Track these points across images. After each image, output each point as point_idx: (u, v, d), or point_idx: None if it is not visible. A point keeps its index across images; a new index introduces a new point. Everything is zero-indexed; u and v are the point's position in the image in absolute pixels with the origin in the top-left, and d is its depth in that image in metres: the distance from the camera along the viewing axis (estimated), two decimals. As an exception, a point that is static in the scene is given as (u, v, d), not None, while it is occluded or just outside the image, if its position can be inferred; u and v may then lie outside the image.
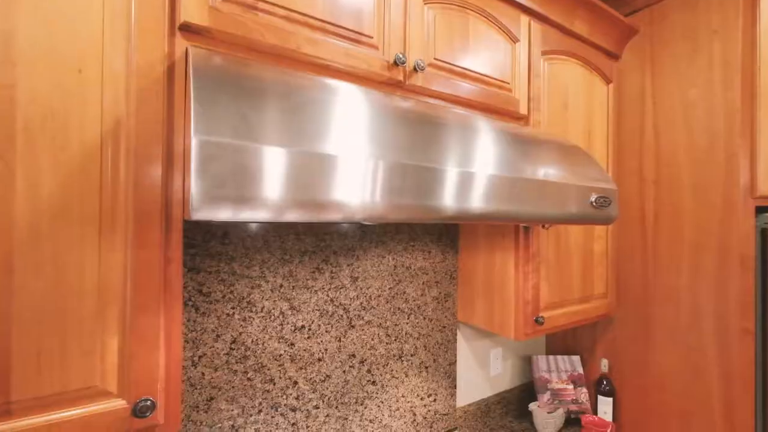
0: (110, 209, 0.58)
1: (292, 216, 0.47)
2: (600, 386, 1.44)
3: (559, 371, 1.57)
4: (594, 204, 0.84)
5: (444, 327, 1.37)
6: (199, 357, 0.93)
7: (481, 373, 1.52)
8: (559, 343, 1.70)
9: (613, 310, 1.44)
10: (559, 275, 1.25)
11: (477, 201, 0.61)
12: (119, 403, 0.58)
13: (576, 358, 1.60)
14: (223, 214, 0.43)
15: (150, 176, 0.61)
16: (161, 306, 0.62)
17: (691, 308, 1.27)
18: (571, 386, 1.55)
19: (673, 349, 1.31)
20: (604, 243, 1.41)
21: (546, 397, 1.52)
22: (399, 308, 1.26)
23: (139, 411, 0.58)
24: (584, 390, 1.54)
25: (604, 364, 1.44)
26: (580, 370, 1.57)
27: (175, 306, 0.64)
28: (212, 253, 0.95)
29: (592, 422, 1.30)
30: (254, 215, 0.45)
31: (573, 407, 1.50)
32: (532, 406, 1.43)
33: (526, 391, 1.65)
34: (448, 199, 0.57)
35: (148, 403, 0.59)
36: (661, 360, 1.34)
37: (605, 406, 1.42)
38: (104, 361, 0.58)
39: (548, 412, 1.43)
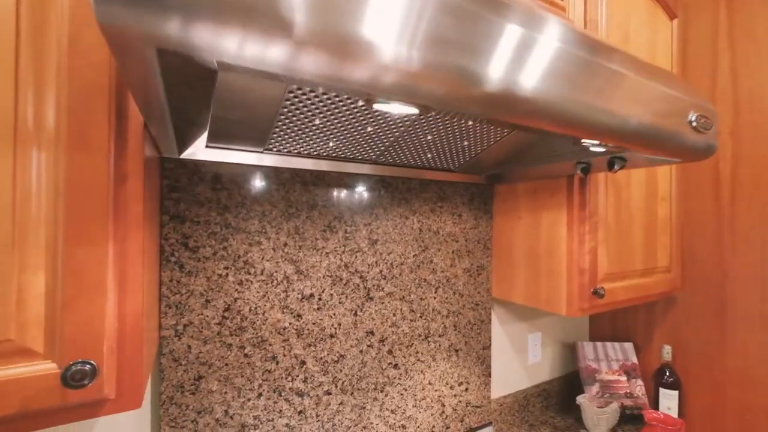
0: (30, 84, 0.41)
1: (305, 61, 0.29)
2: (661, 377, 1.22)
3: (609, 360, 1.35)
4: (694, 124, 0.63)
5: (477, 304, 1.17)
6: (184, 326, 0.75)
7: (517, 360, 1.32)
8: (606, 327, 1.48)
9: (677, 288, 1.21)
10: (620, 241, 1.03)
11: (534, 78, 0.41)
12: (46, 367, 0.41)
13: (629, 346, 1.37)
14: (156, 22, 0.24)
15: (93, 44, 0.43)
16: (110, 236, 0.44)
17: (783, 282, 1.04)
18: (624, 378, 1.33)
19: (758, 337, 1.08)
20: (668, 207, 1.18)
21: (595, 389, 1.30)
22: (425, 280, 1.07)
23: (71, 378, 0.40)
24: (640, 382, 1.32)
25: (666, 352, 1.22)
26: (634, 360, 1.35)
27: (133, 238, 0.47)
28: (200, 200, 0.77)
29: (658, 419, 1.08)
30: (228, 42, 0.26)
31: (627, 402, 1.28)
32: (581, 398, 1.22)
33: (569, 383, 1.44)
34: (497, 67, 0.38)
35: (87, 367, 0.41)
36: (743, 350, 1.11)
37: (669, 400, 1.20)
38: (24, 309, 0.40)
39: (599, 407, 1.22)
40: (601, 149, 0.67)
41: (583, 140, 0.61)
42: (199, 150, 0.75)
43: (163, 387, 0.73)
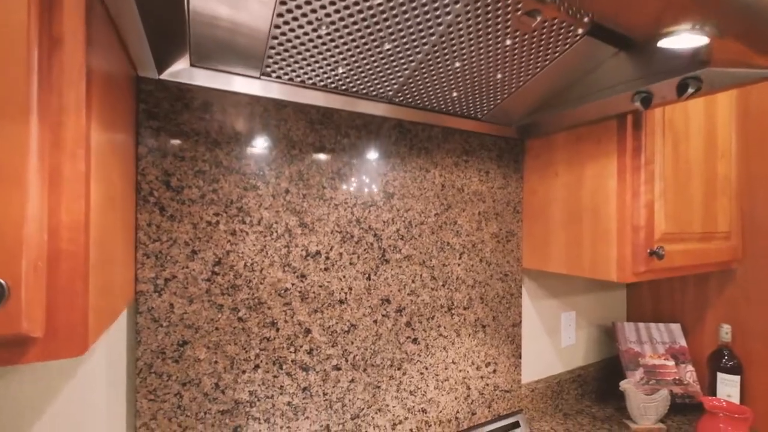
0: None
1: None
2: (719, 361, 1.06)
3: (653, 343, 1.20)
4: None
5: (506, 275, 1.03)
6: (166, 280, 0.63)
7: (549, 342, 1.17)
8: (647, 307, 1.32)
9: (737, 258, 1.06)
10: (678, 198, 0.88)
11: None
12: (-69, 285, 0.29)
13: (676, 327, 1.22)
14: None
15: None
16: (32, 115, 0.32)
17: None
18: (671, 362, 1.17)
19: None
20: (728, 164, 1.02)
21: (638, 375, 1.15)
22: (448, 243, 0.93)
23: (-37, 298, 0.28)
24: (690, 368, 1.16)
25: (725, 332, 1.06)
26: (683, 342, 1.19)
27: (72, 125, 0.34)
28: (185, 131, 0.65)
29: (721, 407, 0.92)
30: None
31: (676, 389, 1.13)
32: (626, 383, 1.06)
33: (606, 370, 1.28)
34: None
35: (-10, 286, 0.29)
36: (818, 324, 0.95)
37: (729, 387, 1.04)
38: None
39: (647, 394, 1.06)
40: (684, 45, 0.52)
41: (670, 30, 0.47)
42: (183, 70, 0.63)
43: (139, 352, 0.61)
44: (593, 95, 0.78)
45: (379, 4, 0.53)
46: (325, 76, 0.69)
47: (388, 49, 0.63)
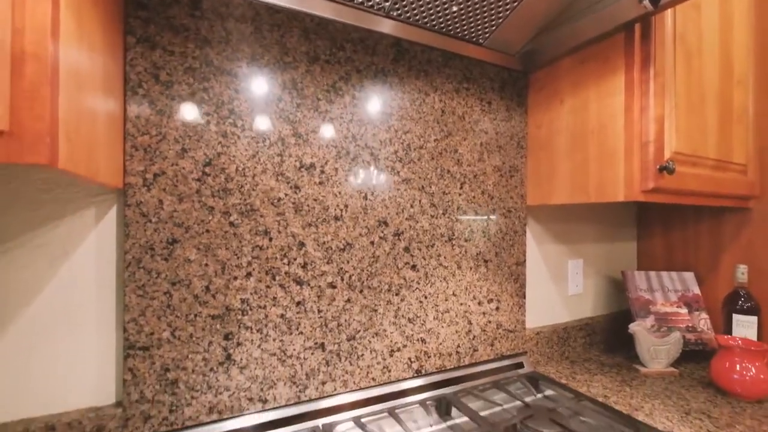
0: None
1: None
2: (735, 303, 1.01)
3: (665, 291, 1.15)
4: None
5: (509, 211, 1.00)
6: (155, 176, 0.62)
7: (555, 289, 1.14)
8: (659, 256, 1.28)
9: (754, 193, 1.01)
10: (690, 117, 0.84)
11: None
12: None
13: (689, 275, 1.17)
14: None
15: None
16: None
17: None
18: (684, 310, 1.12)
19: None
20: (745, 93, 0.98)
21: (649, 322, 1.10)
22: (449, 171, 0.90)
23: None
24: (704, 315, 1.11)
25: (741, 272, 1.01)
26: (696, 290, 1.14)
27: None
28: (175, 25, 0.64)
29: (735, 343, 0.88)
30: None
31: (689, 336, 1.08)
32: (635, 326, 1.02)
33: (616, 322, 1.24)
34: None
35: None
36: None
37: (745, 329, 0.99)
38: None
39: (659, 337, 1.02)
40: None
41: None
42: (172, -39, 0.61)
43: (128, 246, 0.60)
44: (598, 3, 0.75)
45: None
46: (318, -24, 0.67)
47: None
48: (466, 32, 0.84)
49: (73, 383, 0.59)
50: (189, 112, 0.64)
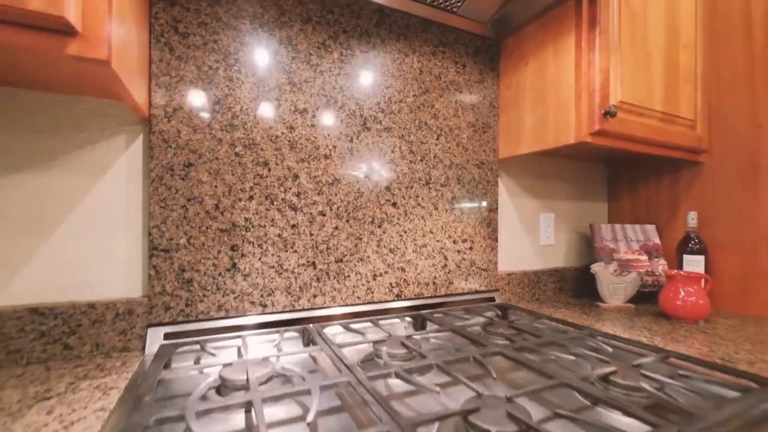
0: None
1: None
2: (686, 245, 1.13)
3: (628, 241, 1.27)
4: None
5: (482, 163, 1.12)
6: (174, 110, 0.75)
7: (528, 238, 1.26)
8: (627, 212, 1.39)
9: (703, 146, 1.12)
10: (636, 72, 0.96)
11: None
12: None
13: (651, 228, 1.28)
14: None
15: None
16: None
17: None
18: (644, 257, 1.24)
19: None
20: (692, 56, 1.09)
21: (612, 268, 1.22)
22: (426, 123, 1.03)
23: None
24: (663, 261, 1.23)
25: (691, 218, 1.12)
26: (657, 240, 1.26)
27: None
28: (191, -13, 0.77)
29: (677, 273, 0.99)
30: None
31: (648, 279, 1.20)
32: (596, 266, 1.14)
33: (585, 272, 1.36)
34: None
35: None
36: (776, 200, 1.01)
37: (694, 266, 1.11)
38: None
39: (613, 271, 1.14)
40: None
41: None
42: (189, -67, 0.75)
43: (152, 165, 0.74)
44: (551, -30, 0.87)
45: None
46: (309, -53, 0.80)
47: None
48: (441, 1, 0.97)
49: (108, 277, 0.73)
50: (202, 59, 0.78)
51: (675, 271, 1.01)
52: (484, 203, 1.13)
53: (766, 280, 1.03)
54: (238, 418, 0.49)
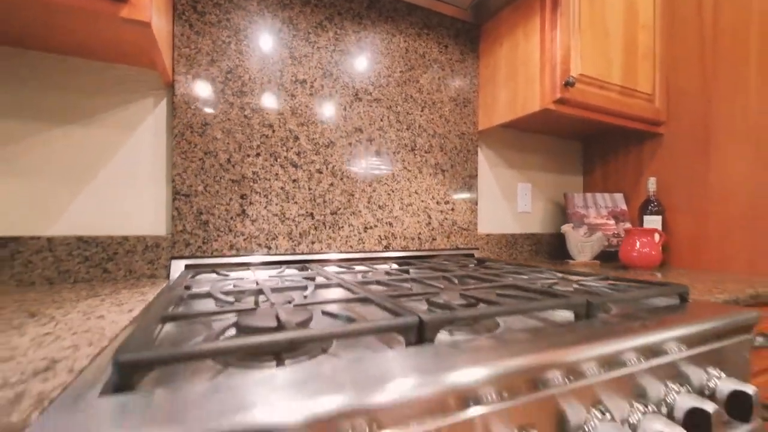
0: None
1: None
2: (646, 207, 1.25)
3: (597, 207, 1.40)
4: None
5: (463, 134, 1.26)
6: (193, 77, 0.89)
7: (506, 205, 1.39)
8: (599, 183, 1.52)
9: (661, 118, 1.25)
10: (595, 49, 1.09)
11: None
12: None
13: (619, 196, 1.41)
14: None
15: None
16: None
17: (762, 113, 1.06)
18: (612, 221, 1.37)
19: (739, 151, 1.10)
20: (650, 36, 1.22)
21: (582, 231, 1.35)
22: (411, 96, 1.17)
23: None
24: (628, 225, 1.35)
25: (651, 183, 1.25)
26: (624, 207, 1.39)
27: None
28: (207, -27, 0.91)
29: (636, 228, 1.12)
30: None
31: (614, 240, 1.33)
32: (566, 226, 1.27)
33: (561, 238, 1.49)
34: None
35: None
36: (723, 167, 1.13)
37: (653, 225, 1.24)
38: None
39: (584, 236, 1.27)
40: None
41: None
42: (205, -73, 0.89)
43: (175, 123, 0.87)
44: (517, -41, 1.00)
45: None
46: (308, -61, 0.93)
47: None
48: (423, -13, 1.10)
49: (138, 216, 0.86)
50: (216, 34, 0.91)
51: (633, 227, 1.14)
52: (465, 170, 1.26)
53: (714, 239, 1.16)
54: (251, 300, 0.62)
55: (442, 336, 0.45)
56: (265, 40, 0.96)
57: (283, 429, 0.26)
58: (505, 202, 1.39)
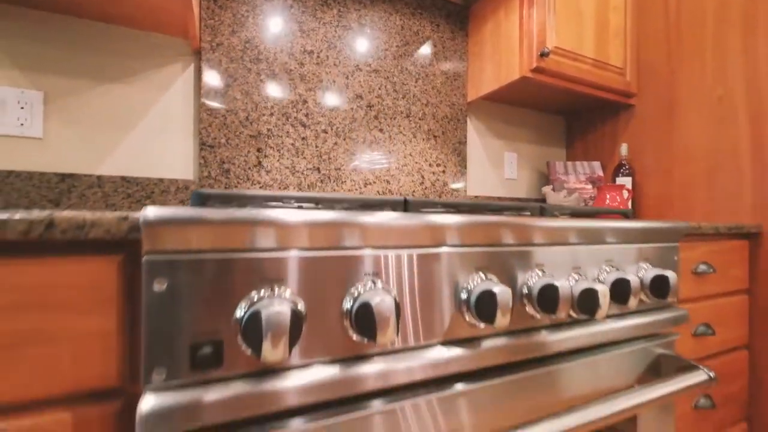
0: None
1: None
2: (619, 170, 1.39)
3: (577, 174, 1.54)
4: None
5: (453, 104, 1.40)
6: (217, 44, 1.03)
7: (493, 171, 1.53)
8: (580, 155, 1.66)
9: (631, 90, 1.39)
10: (568, 27, 1.23)
11: None
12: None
13: (596, 163, 1.55)
14: None
15: None
16: None
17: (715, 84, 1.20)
18: (589, 186, 1.51)
19: (700, 114, 1.24)
20: (621, 16, 1.36)
21: (562, 194, 1.49)
22: (406, 68, 1.31)
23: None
24: (604, 189, 1.49)
25: (623, 148, 1.39)
26: (600, 173, 1.53)
27: None
28: (228, -44, 1.05)
29: (606, 185, 1.26)
30: None
31: (590, 203, 1.46)
32: (546, 188, 1.41)
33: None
34: None
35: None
36: (686, 130, 1.27)
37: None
38: None
39: (563, 196, 1.41)
40: None
41: None
42: None
43: (201, 84, 1.01)
44: (499, -55, 1.15)
45: None
46: (315, -73, 1.07)
47: None
48: (417, -29, 1.24)
49: (171, 163, 1.00)
50: (236, 8, 1.05)
51: (605, 184, 1.28)
52: (456, 137, 1.40)
53: (678, 196, 1.30)
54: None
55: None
56: (278, 14, 1.11)
57: (291, 225, 0.40)
58: (493, 168, 1.52)
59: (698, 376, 0.67)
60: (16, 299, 0.36)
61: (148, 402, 0.34)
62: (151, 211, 0.35)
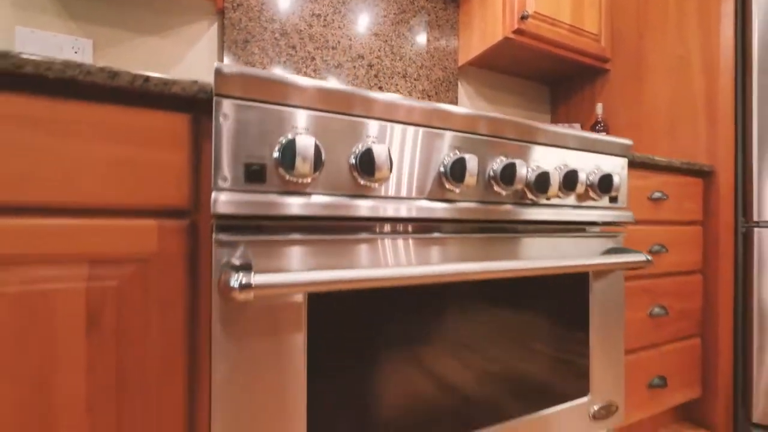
0: None
1: None
2: (595, 127, 1.55)
3: (558, 134, 1.69)
4: None
5: (445, 68, 1.55)
6: (238, 5, 1.19)
7: (483, 132, 1.68)
8: (563, 118, 1.81)
9: (605, 54, 1.54)
10: (547, -6, 1.39)
11: None
12: None
13: (576, 125, 1.70)
14: None
15: None
16: None
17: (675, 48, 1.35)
18: (569, 144, 1.66)
19: (666, 80, 1.39)
20: (596, -12, 1.51)
21: (544, 151, 1.64)
22: (403, 34, 1.46)
23: None
24: (582, 146, 1.64)
25: (599, 107, 1.54)
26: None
27: None
28: (247, -71, 1.21)
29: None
30: None
31: (570, 158, 1.62)
32: (528, 143, 1.56)
33: (529, 163, 1.77)
34: None
35: None
36: (653, 91, 1.43)
37: (598, 141, 1.53)
38: None
39: (544, 151, 1.56)
40: None
41: None
42: None
43: (224, 39, 1.17)
44: None
45: None
46: None
47: None
48: (412, -54, 1.40)
49: (197, 107, 1.16)
50: (254, -26, 1.21)
51: (579, 136, 1.43)
52: (447, 98, 1.55)
53: (646, 148, 1.45)
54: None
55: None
56: (290, -19, 1.26)
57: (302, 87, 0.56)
58: (482, 130, 1.68)
59: (638, 257, 0.83)
60: (126, 136, 0.52)
61: (217, 195, 0.50)
62: (225, 67, 0.51)
